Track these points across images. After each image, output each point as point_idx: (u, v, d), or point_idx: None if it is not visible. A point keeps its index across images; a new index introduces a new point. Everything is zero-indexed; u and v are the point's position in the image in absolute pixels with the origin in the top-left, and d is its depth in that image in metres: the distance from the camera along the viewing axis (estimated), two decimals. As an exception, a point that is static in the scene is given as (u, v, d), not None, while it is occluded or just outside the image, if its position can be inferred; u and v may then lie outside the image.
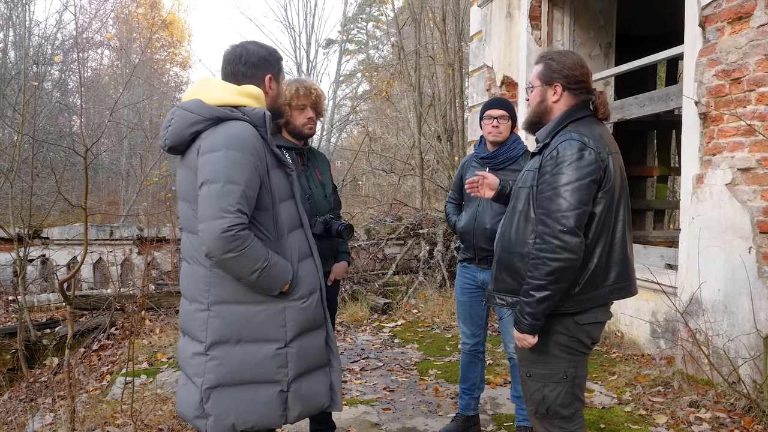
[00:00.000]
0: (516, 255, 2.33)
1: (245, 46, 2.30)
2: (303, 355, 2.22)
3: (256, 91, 2.21)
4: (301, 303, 2.21)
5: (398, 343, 5.73)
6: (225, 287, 2.13)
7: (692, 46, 4.31)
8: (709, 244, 4.11)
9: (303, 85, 3.06)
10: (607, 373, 4.64)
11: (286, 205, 2.25)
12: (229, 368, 2.14)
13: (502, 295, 2.41)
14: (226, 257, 2.02)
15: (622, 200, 2.38)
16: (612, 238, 2.33)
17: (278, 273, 2.12)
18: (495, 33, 7.23)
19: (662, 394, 4.09)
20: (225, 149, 2.05)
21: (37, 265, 7.58)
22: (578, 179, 2.21)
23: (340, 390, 2.42)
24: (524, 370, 2.45)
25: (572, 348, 2.37)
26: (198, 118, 2.11)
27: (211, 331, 2.14)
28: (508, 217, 2.43)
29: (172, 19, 29.75)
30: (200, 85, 2.22)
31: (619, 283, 2.37)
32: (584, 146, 2.24)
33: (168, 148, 2.20)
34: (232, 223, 1.99)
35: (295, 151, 3.13)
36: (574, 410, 2.41)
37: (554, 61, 2.40)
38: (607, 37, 6.99)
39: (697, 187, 4.23)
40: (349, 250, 3.36)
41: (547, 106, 2.44)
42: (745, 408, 3.68)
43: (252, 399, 2.15)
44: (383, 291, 7.27)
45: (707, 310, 4.13)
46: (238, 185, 2.02)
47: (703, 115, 4.18)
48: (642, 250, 5.39)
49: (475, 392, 3.59)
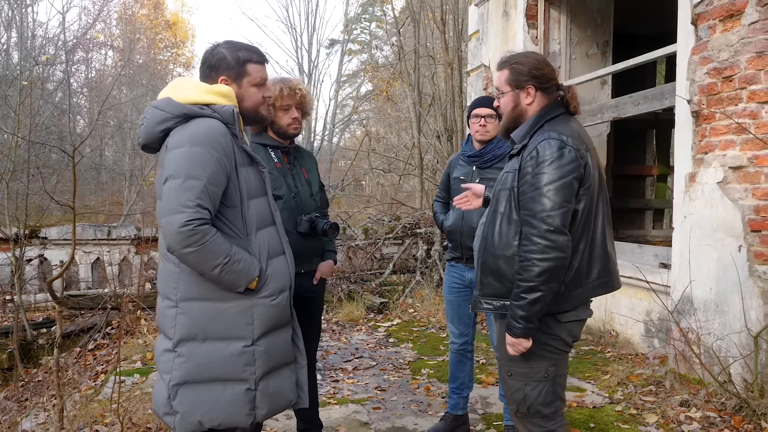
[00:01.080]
0: (501, 258, 2.31)
1: (215, 47, 2.31)
2: (271, 353, 2.22)
3: (227, 90, 2.22)
4: (270, 300, 2.21)
5: (393, 342, 5.72)
6: (193, 284, 2.13)
7: (685, 44, 4.29)
8: (701, 243, 4.09)
9: (287, 85, 3.05)
10: (600, 373, 4.63)
11: (257, 203, 2.25)
12: (195, 365, 2.14)
13: (488, 300, 2.37)
14: (186, 252, 2.02)
15: (601, 196, 2.37)
16: (593, 235, 2.33)
17: (242, 269, 2.11)
18: (492, 32, 7.21)
19: (654, 393, 4.07)
20: (189, 145, 2.06)
21: (36, 265, 7.60)
22: (560, 178, 2.20)
23: (307, 386, 2.42)
24: (505, 369, 2.44)
25: (553, 346, 2.36)
26: (167, 116, 2.13)
27: (178, 327, 2.14)
28: (489, 220, 2.41)
29: (175, 20, 29.84)
30: (173, 84, 2.24)
31: (602, 278, 2.36)
32: (564, 144, 2.23)
33: (141, 145, 2.22)
34: (190, 218, 2.00)
35: (281, 150, 3.13)
36: (554, 409, 2.40)
37: (520, 64, 2.39)
38: (604, 35, 6.97)
39: (690, 186, 4.21)
40: (335, 249, 3.36)
41: (522, 109, 2.43)
42: (735, 407, 3.65)
43: (218, 397, 2.14)
44: (380, 290, 7.27)
45: (699, 309, 4.11)
46: (199, 180, 2.03)
47: (696, 114, 4.16)
48: (637, 249, 5.36)
49: (464, 391, 3.58)
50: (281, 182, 3.06)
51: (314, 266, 3.20)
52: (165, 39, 29.06)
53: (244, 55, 2.29)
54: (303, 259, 3.11)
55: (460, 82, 10.29)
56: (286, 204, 3.03)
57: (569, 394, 4.21)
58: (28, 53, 19.02)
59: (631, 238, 8.86)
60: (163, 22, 28.89)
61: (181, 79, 2.27)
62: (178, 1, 35.34)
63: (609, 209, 2.44)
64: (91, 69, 26.01)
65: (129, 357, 5.27)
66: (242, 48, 2.32)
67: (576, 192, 2.24)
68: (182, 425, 2.17)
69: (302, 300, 3.17)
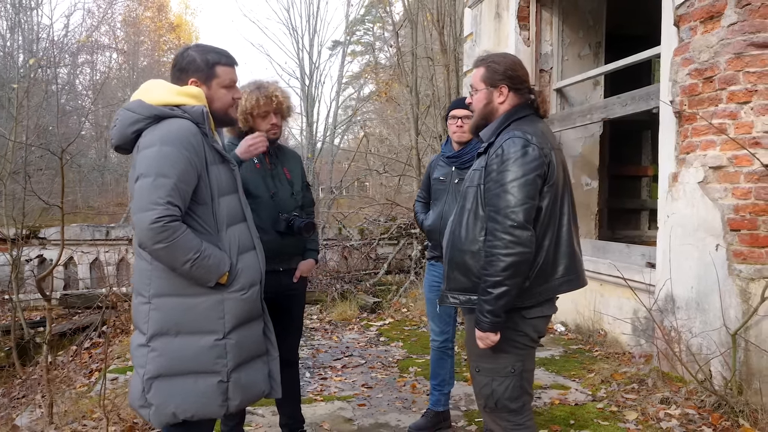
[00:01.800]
0: (467, 253, 2.37)
1: (184, 51, 2.38)
2: (242, 345, 2.28)
3: (196, 91, 2.29)
4: (240, 294, 2.27)
5: (383, 341, 5.78)
6: (164, 280, 2.20)
7: (668, 46, 4.33)
8: (683, 242, 4.13)
9: (263, 94, 3.11)
10: (586, 371, 4.67)
11: (228, 200, 2.31)
12: (168, 359, 2.20)
13: (455, 294, 2.44)
14: (157, 248, 2.09)
15: (566, 195, 2.43)
16: (558, 232, 2.38)
17: (212, 264, 2.18)
18: (485, 34, 7.27)
19: (636, 391, 4.11)
20: (159, 145, 2.13)
21: (35, 265, 7.70)
22: (524, 175, 2.26)
23: (279, 377, 2.49)
24: (473, 365, 2.50)
25: (519, 342, 2.41)
26: (138, 117, 2.20)
27: (152, 323, 2.21)
28: (457, 216, 2.47)
29: (179, 22, 29.99)
30: (144, 87, 2.31)
31: (568, 275, 2.42)
32: (527, 143, 2.29)
33: (114, 147, 2.29)
34: (161, 215, 2.06)
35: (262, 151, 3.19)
36: (522, 403, 2.46)
37: (497, 63, 2.46)
38: (596, 36, 7.01)
39: (672, 186, 4.26)
40: (317, 248, 3.42)
41: (493, 107, 2.48)
42: (714, 405, 3.70)
43: (191, 389, 2.21)
44: (374, 290, 7.33)
45: (681, 308, 4.15)
46: (169, 178, 2.10)
47: (678, 114, 4.20)
48: (625, 249, 5.41)
49: (445, 388, 3.63)
50: (260, 182, 3.12)
51: (294, 264, 3.26)
52: (169, 41, 29.22)
53: (213, 58, 2.35)
54: (283, 257, 3.18)
55: (458, 83, 10.33)
56: (265, 203, 3.10)
57: (553, 391, 4.27)
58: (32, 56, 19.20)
59: (627, 239, 8.89)
60: (167, 24, 29.06)
61: (152, 82, 2.34)
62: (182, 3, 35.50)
63: (574, 209, 2.50)
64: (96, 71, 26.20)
65: (123, 355, 5.35)
66: (211, 51, 2.38)
67: (540, 189, 2.30)
68: (157, 417, 2.24)
69: (283, 298, 3.24)
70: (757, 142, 3.71)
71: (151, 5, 28.81)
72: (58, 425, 3.51)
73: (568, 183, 2.46)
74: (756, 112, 3.72)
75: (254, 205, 3.05)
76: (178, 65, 2.37)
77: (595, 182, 7.05)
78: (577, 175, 6.93)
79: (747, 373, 3.71)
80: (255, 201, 3.07)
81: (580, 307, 5.70)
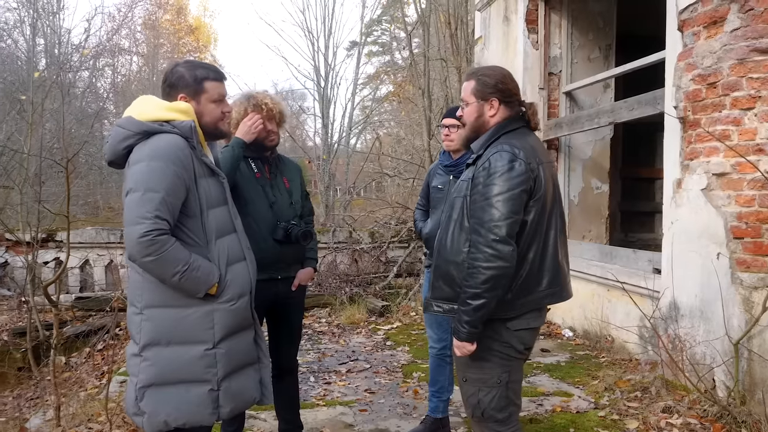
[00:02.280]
0: (452, 263, 2.39)
1: (173, 67, 2.43)
2: (232, 354, 2.33)
3: (185, 106, 2.34)
4: (229, 305, 2.31)
5: (390, 345, 5.81)
6: (155, 292, 2.25)
7: (673, 51, 4.30)
8: (686, 249, 4.10)
9: (252, 103, 3.15)
10: (590, 378, 4.65)
11: (217, 212, 2.36)
12: (160, 368, 2.25)
13: (439, 303, 2.46)
14: (146, 260, 2.14)
15: (555, 209, 2.44)
16: (545, 246, 2.39)
17: (201, 275, 2.22)
18: (493, 37, 7.26)
19: (639, 399, 4.09)
20: (148, 160, 2.18)
21: (52, 267, 7.85)
22: (509, 189, 2.27)
23: (271, 385, 2.54)
24: (460, 374, 2.51)
25: (505, 354, 2.42)
26: (128, 133, 2.25)
27: (144, 333, 2.26)
28: (444, 226, 2.49)
29: (197, 25, 30.28)
30: (136, 103, 2.36)
31: (552, 288, 2.43)
32: (514, 157, 2.30)
33: (108, 162, 2.34)
34: (149, 228, 2.11)
35: (261, 161, 3.24)
36: (508, 414, 2.47)
37: (487, 76, 2.47)
38: (606, 39, 6.96)
39: (677, 192, 4.23)
40: (316, 257, 3.45)
41: (485, 120, 2.49)
42: (717, 414, 3.66)
43: (182, 397, 2.26)
44: (384, 294, 7.35)
45: (685, 316, 4.12)
46: (157, 193, 2.14)
47: (682, 120, 4.17)
48: (632, 255, 5.37)
49: (444, 394, 3.65)
50: (259, 191, 3.16)
51: (293, 273, 3.29)
52: (188, 43, 29.52)
53: (201, 73, 2.40)
54: (281, 265, 3.22)
55: (470, 85, 10.30)
56: (264, 213, 3.14)
57: (556, 398, 4.26)
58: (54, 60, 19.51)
59: (641, 242, 8.82)
60: (186, 26, 29.37)
61: (142, 98, 2.39)
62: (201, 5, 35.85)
63: (563, 223, 2.51)
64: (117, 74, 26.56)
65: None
66: (200, 66, 2.44)
67: (525, 203, 2.31)
68: (149, 425, 2.29)
69: (282, 306, 3.29)
70: (760, 148, 3.67)
71: (170, 8, 29.14)
72: (65, 428, 3.59)
73: (557, 197, 2.47)
74: (760, 119, 3.68)
75: (253, 214, 3.11)
76: (167, 81, 2.42)
77: (606, 185, 7.01)
78: (587, 179, 6.90)
79: (750, 383, 3.67)
80: (254, 210, 3.12)
81: (588, 313, 5.67)
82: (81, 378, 5.46)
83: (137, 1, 25.68)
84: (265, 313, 3.27)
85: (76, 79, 21.13)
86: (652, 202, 9.28)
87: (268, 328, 3.37)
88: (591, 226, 7.00)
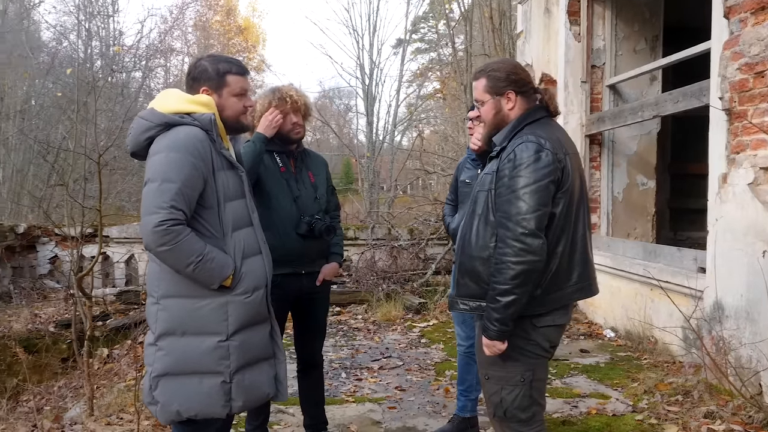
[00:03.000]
0: (477, 259, 2.31)
1: (197, 61, 2.46)
2: (246, 348, 2.32)
3: (206, 99, 2.35)
4: (244, 298, 2.30)
5: (424, 343, 5.74)
6: (172, 282, 2.26)
7: (719, 39, 4.10)
8: (732, 247, 3.91)
9: (277, 96, 3.16)
10: (630, 380, 4.49)
11: (234, 205, 2.35)
12: (174, 358, 2.26)
13: (465, 300, 2.39)
14: (160, 250, 2.15)
15: (582, 201, 2.35)
16: (573, 239, 2.30)
17: (215, 267, 2.22)
18: (534, 30, 7.10)
19: (680, 403, 3.91)
20: (167, 151, 2.20)
21: (99, 262, 8.07)
22: (536, 181, 2.19)
23: (286, 381, 2.51)
24: (482, 372, 2.44)
25: (529, 351, 2.34)
26: (150, 125, 2.27)
27: (159, 323, 2.28)
28: (467, 221, 2.42)
29: (247, 25, 30.75)
30: (159, 96, 2.40)
31: (581, 282, 2.34)
32: (541, 148, 2.22)
33: (131, 153, 2.38)
34: (164, 218, 2.12)
35: (286, 155, 3.23)
36: (532, 414, 2.39)
37: (497, 70, 2.40)
38: (653, 30, 6.72)
39: (722, 187, 4.04)
40: (341, 251, 3.42)
41: (504, 115, 2.41)
42: (763, 421, 3.47)
43: (195, 388, 2.26)
44: (421, 291, 7.29)
45: (730, 317, 3.93)
46: (174, 183, 2.15)
47: (728, 111, 3.97)
48: (676, 253, 5.15)
49: (472, 393, 3.57)
50: (284, 185, 3.15)
51: (317, 267, 3.27)
52: (237, 44, 30.01)
53: (223, 67, 2.41)
54: (306, 260, 3.20)
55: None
56: (288, 207, 3.13)
57: (592, 401, 4.12)
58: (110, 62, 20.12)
59: (691, 240, 8.48)
60: (236, 27, 29.86)
61: (166, 91, 2.42)
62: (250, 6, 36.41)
63: (589, 217, 2.41)
64: (169, 74, 27.20)
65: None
66: (223, 60, 2.44)
67: (553, 195, 2.22)
68: (162, 414, 2.31)
69: (306, 301, 3.27)
70: (812, 140, 3.47)
71: (220, 9, 29.68)
72: (97, 417, 3.66)
73: (584, 190, 2.38)
74: (811, 109, 3.47)
75: (277, 209, 3.11)
76: (191, 74, 2.44)
77: (652, 182, 6.76)
78: (632, 175, 6.67)
79: (799, 388, 3.47)
80: (277, 204, 3.12)
81: (630, 313, 5.48)
82: (122, 369, 5.58)
83: (188, 3, 26.28)
84: (290, 308, 3.27)
85: (130, 80, 21.76)
86: (703, 199, 8.87)
87: (293, 323, 3.37)
88: (636, 224, 6.77)
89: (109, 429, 3.41)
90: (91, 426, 3.40)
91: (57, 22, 21.55)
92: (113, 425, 3.56)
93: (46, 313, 6.80)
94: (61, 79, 15.53)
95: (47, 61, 15.90)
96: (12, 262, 7.90)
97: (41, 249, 8.17)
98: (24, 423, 3.80)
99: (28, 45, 16.61)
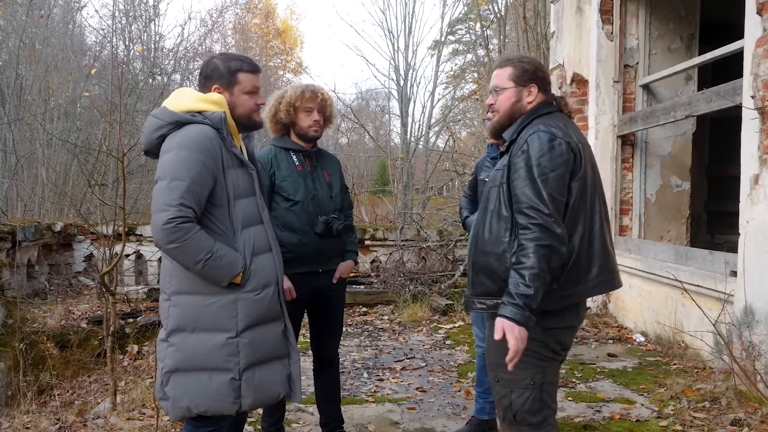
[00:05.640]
0: (492, 255, 2.27)
1: (210, 59, 2.48)
2: (256, 345, 2.33)
3: (217, 97, 2.37)
4: (254, 295, 2.32)
5: (449, 344, 5.70)
6: (183, 279, 2.29)
7: (752, 37, 3.98)
8: (763, 250, 3.78)
9: (309, 89, 3.17)
10: (657, 385, 4.38)
11: (245, 202, 2.37)
12: (184, 354, 2.29)
13: (481, 299, 2.33)
14: (170, 247, 2.19)
15: (597, 193, 2.31)
16: (591, 231, 2.26)
17: (224, 264, 2.24)
18: (566, 29, 6.99)
19: (707, 409, 3.80)
20: (177, 149, 2.23)
21: (132, 260, 8.24)
22: (552, 170, 2.17)
23: (300, 381, 2.50)
24: (492, 374, 2.40)
25: (539, 353, 2.29)
26: (161, 123, 2.31)
27: (171, 319, 2.31)
28: (480, 218, 2.39)
29: (285, 28, 31.06)
30: (172, 95, 2.43)
31: (602, 276, 2.28)
32: (554, 137, 2.20)
33: (144, 151, 2.41)
34: (173, 216, 2.15)
35: (303, 154, 3.25)
36: (542, 418, 2.34)
37: (526, 63, 2.40)
38: (689, 28, 6.54)
39: (753, 188, 3.91)
40: (356, 249, 3.43)
41: (522, 106, 2.39)
42: (793, 431, 3.35)
43: (205, 385, 2.28)
44: (448, 292, 7.24)
45: (760, 322, 3.80)
46: (183, 181, 2.19)
47: (760, 110, 3.85)
48: (708, 256, 5.00)
49: (490, 396, 3.51)
50: (300, 184, 3.17)
51: (333, 266, 3.28)
52: (275, 46, 30.35)
53: (235, 65, 2.43)
54: (322, 259, 3.22)
55: (547, 81, 10.01)
56: (305, 206, 3.15)
57: (616, 405, 4.04)
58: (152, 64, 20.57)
59: (729, 244, 8.22)
60: (274, 30, 30.20)
61: (180, 90, 2.46)
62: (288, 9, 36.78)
63: (606, 208, 2.36)
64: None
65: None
66: (234, 59, 2.46)
67: (567, 185, 2.19)
68: (173, 410, 2.34)
69: (322, 299, 3.28)
70: None
71: (258, 12, 30.06)
72: (119, 412, 3.74)
73: (598, 181, 2.34)
74: None
75: (294, 207, 3.13)
76: (203, 73, 2.47)
77: (687, 183, 6.59)
78: (665, 176, 6.51)
79: (832, 398, 3.34)
80: (295, 203, 3.14)
81: (660, 317, 5.36)
82: (149, 366, 5.68)
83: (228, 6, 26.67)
84: (306, 306, 3.28)
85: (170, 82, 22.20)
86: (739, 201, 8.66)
87: (309, 321, 3.39)
88: (670, 226, 6.60)
89: (129, 424, 3.48)
90: (112, 420, 3.47)
91: (99, 26, 22.11)
92: (134, 420, 3.62)
93: (80, 310, 6.97)
94: (103, 83, 15.93)
95: (89, 64, 16.28)
96: (49, 260, 8.12)
97: (77, 247, 8.37)
98: (48, 416, 3.89)
99: (71, 48, 17.05)
